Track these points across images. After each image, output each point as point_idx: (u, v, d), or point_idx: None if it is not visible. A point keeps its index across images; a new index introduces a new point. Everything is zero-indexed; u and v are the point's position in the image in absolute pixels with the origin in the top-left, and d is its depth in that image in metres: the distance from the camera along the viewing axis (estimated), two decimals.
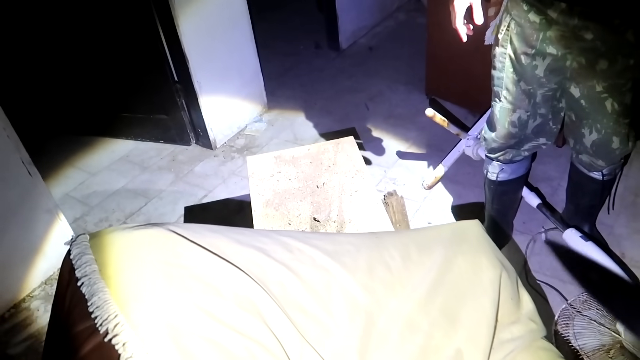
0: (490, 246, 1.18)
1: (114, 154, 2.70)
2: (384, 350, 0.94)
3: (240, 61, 2.65)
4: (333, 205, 1.53)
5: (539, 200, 1.92)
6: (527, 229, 1.94)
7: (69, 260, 0.82)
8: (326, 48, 3.58)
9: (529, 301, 1.16)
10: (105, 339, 0.67)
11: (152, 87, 2.50)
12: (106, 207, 2.34)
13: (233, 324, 0.78)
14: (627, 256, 1.77)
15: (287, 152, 1.78)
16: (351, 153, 1.74)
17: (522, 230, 1.94)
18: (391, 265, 1.06)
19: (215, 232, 0.95)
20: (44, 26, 2.42)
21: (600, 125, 1.41)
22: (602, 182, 1.60)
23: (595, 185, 1.62)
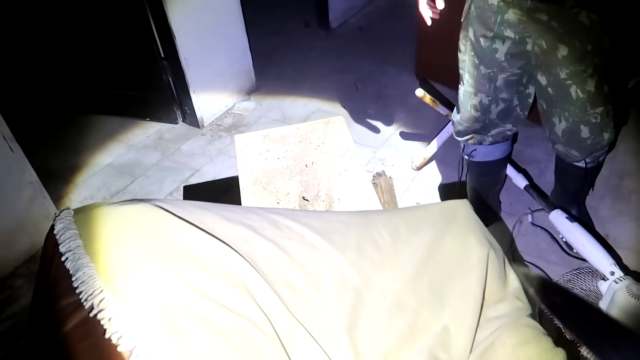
0: (479, 226, 1.19)
1: (100, 132, 2.65)
2: (372, 328, 0.95)
3: (228, 38, 2.60)
4: (322, 184, 1.52)
5: (526, 182, 1.93)
6: (514, 210, 1.95)
7: (52, 235, 0.80)
8: (316, 27, 3.53)
9: (515, 280, 1.17)
10: (90, 314, 0.66)
11: (138, 64, 2.45)
12: (91, 185, 2.31)
13: (221, 300, 0.77)
14: (611, 237, 1.79)
15: (276, 131, 1.76)
16: (340, 132, 1.73)
17: (509, 212, 1.95)
18: (380, 243, 1.06)
19: (203, 209, 0.94)
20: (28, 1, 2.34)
21: (568, 114, 1.42)
22: (585, 170, 1.61)
23: (579, 172, 1.63)
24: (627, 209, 1.91)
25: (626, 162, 2.12)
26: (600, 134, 1.46)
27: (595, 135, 1.45)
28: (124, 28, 2.33)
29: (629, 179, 2.04)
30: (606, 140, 1.49)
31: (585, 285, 1.55)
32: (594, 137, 1.46)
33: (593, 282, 1.54)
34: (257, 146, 1.69)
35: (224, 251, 0.85)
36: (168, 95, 2.53)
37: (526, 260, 1.74)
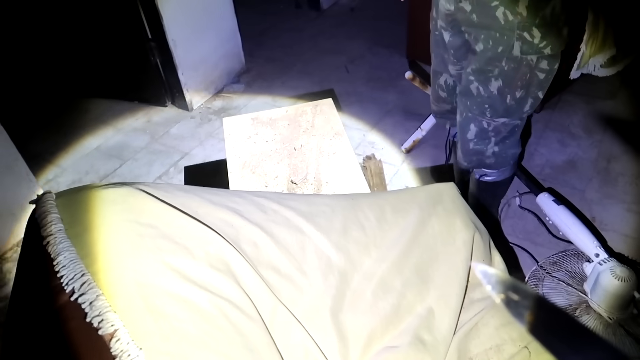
0: (465, 208, 1.19)
1: (88, 115, 2.62)
2: (358, 309, 0.95)
3: (217, 19, 2.56)
4: (310, 167, 1.52)
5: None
6: None
7: (33, 219, 0.79)
8: (306, 8, 3.49)
9: (500, 262, 1.18)
10: (71, 298, 0.66)
11: (126, 45, 2.41)
12: (79, 169, 2.29)
13: (204, 283, 0.77)
14: (597, 220, 1.81)
15: (265, 114, 1.75)
16: (329, 115, 1.71)
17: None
18: (366, 226, 1.06)
19: (187, 192, 0.93)
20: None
21: (463, 107, 1.41)
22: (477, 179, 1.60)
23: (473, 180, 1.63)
24: (613, 191, 1.93)
25: (613, 145, 2.14)
26: (486, 144, 1.43)
27: (480, 141, 1.43)
28: (111, 9, 2.29)
29: (616, 161, 2.06)
30: (490, 153, 1.45)
31: (571, 267, 1.57)
32: (478, 142, 1.43)
33: (578, 264, 1.56)
34: (245, 129, 1.68)
35: (207, 234, 0.85)
36: (156, 78, 2.50)
37: (513, 242, 1.76)
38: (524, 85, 1.26)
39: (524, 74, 1.23)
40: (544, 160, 2.09)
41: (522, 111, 1.33)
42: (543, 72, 1.22)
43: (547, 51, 1.17)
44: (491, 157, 1.48)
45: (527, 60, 1.20)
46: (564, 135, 2.21)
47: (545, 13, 1.12)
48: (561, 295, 1.49)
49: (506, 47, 1.19)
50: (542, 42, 1.16)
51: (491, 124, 1.38)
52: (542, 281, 1.54)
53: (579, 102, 2.38)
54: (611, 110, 2.32)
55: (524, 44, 1.17)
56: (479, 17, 1.19)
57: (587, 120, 2.28)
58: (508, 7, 1.13)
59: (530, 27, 1.14)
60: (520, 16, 1.13)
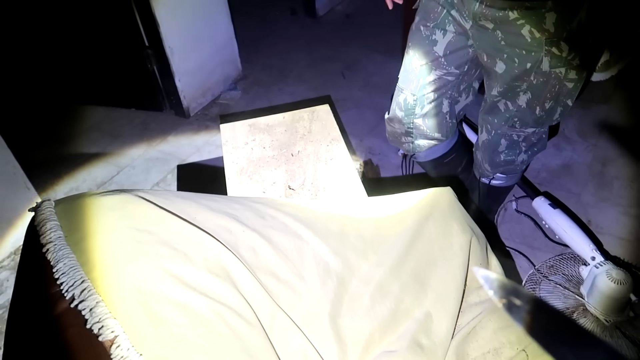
0: (462, 212, 1.20)
1: (85, 122, 2.63)
2: (356, 314, 0.96)
3: (214, 26, 2.58)
4: (308, 173, 1.53)
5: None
6: None
7: (33, 226, 0.80)
8: (302, 14, 3.51)
9: (497, 266, 1.19)
10: (71, 305, 0.66)
11: (123, 53, 2.42)
12: (76, 176, 2.29)
13: (203, 288, 0.78)
14: (593, 223, 1.82)
15: (262, 120, 1.75)
16: (326, 121, 1.72)
17: None
18: (363, 231, 1.07)
19: (185, 199, 0.94)
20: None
21: (491, 126, 1.41)
22: (488, 186, 1.61)
23: (483, 188, 1.64)
24: (609, 195, 1.94)
25: (609, 148, 2.15)
26: (516, 154, 1.44)
27: (511, 152, 1.43)
28: (108, 17, 2.30)
29: (611, 165, 2.07)
30: (519, 162, 1.47)
31: (568, 270, 1.58)
32: (509, 153, 1.44)
33: (575, 268, 1.57)
34: (242, 135, 1.69)
35: (206, 240, 0.86)
36: (153, 85, 2.51)
37: (510, 246, 1.77)
38: (552, 97, 1.25)
39: (553, 86, 1.22)
40: (540, 164, 2.10)
41: (552, 119, 1.34)
42: (572, 81, 1.21)
43: (576, 62, 1.17)
44: (520, 165, 1.49)
45: (555, 73, 1.19)
46: (559, 139, 2.22)
47: (573, 26, 1.11)
48: (558, 299, 1.50)
49: (534, 63, 1.18)
50: (571, 54, 1.15)
51: (521, 135, 1.38)
52: (539, 285, 1.54)
53: (573, 107, 2.38)
54: (606, 114, 2.34)
55: (553, 58, 1.16)
56: (504, 35, 1.17)
57: (582, 125, 2.30)
58: (534, 25, 1.11)
59: (559, 42, 1.13)
60: (548, 32, 1.12)
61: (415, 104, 1.43)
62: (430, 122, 1.47)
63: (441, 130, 1.49)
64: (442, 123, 1.48)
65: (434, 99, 1.42)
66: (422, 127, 1.48)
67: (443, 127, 1.49)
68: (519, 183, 1.91)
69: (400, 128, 1.51)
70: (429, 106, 1.43)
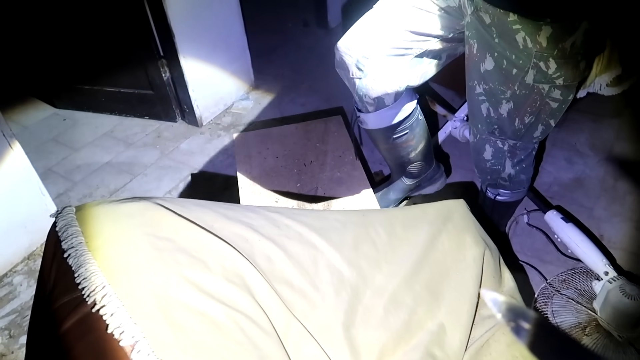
0: (475, 225, 1.21)
1: (98, 130, 2.66)
2: (369, 324, 0.96)
3: (227, 37, 2.61)
4: (320, 183, 1.54)
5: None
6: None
7: (54, 232, 0.81)
8: (315, 26, 3.54)
9: (510, 279, 1.19)
10: (92, 309, 0.67)
11: (137, 62, 2.45)
12: (90, 183, 2.31)
13: (220, 296, 0.78)
14: (605, 238, 1.81)
15: (275, 130, 1.78)
16: (338, 132, 1.74)
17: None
18: (377, 241, 1.08)
19: (202, 207, 0.95)
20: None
21: (476, 130, 1.39)
22: (483, 195, 1.60)
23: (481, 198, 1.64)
24: (621, 209, 1.93)
25: (621, 163, 2.15)
26: (502, 164, 1.42)
27: (496, 161, 1.41)
28: (123, 27, 2.34)
29: (623, 180, 2.06)
30: (506, 175, 1.44)
31: (580, 285, 1.57)
32: (495, 162, 1.42)
33: (587, 282, 1.56)
34: (255, 145, 1.70)
35: (223, 249, 0.87)
36: (167, 94, 2.54)
37: (522, 260, 1.76)
38: (533, 112, 1.24)
39: (534, 100, 1.21)
40: (552, 178, 2.10)
41: (532, 136, 1.32)
42: (556, 101, 1.20)
43: (560, 82, 1.15)
44: (506, 179, 1.48)
45: (538, 88, 1.18)
46: (570, 153, 2.22)
47: (565, 46, 1.09)
48: (570, 313, 1.49)
49: (519, 72, 1.16)
50: (556, 73, 1.14)
51: (505, 144, 1.37)
52: (551, 299, 1.53)
53: (585, 121, 2.39)
54: (618, 128, 2.34)
55: (538, 72, 1.15)
56: (498, 33, 1.15)
57: (594, 139, 2.29)
58: (529, 34, 1.10)
59: (548, 58, 1.11)
60: (540, 45, 1.10)
61: (379, 41, 1.35)
62: (386, 71, 1.39)
63: (392, 87, 1.42)
64: (395, 80, 1.41)
65: (401, 47, 1.36)
66: (376, 71, 1.39)
67: (394, 85, 1.42)
68: (530, 196, 1.91)
69: (352, 57, 1.40)
70: (392, 51, 1.36)
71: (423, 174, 1.84)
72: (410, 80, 1.44)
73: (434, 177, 1.93)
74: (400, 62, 1.39)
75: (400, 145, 1.64)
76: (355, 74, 1.42)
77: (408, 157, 1.72)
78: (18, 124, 2.69)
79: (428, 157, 1.80)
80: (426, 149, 1.74)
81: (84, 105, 2.76)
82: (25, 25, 2.46)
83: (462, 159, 2.20)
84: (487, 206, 1.65)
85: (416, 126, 1.64)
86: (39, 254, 1.95)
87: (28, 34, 2.51)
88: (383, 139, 1.62)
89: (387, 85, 1.42)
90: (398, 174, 1.83)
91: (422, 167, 1.79)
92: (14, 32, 2.52)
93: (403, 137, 1.62)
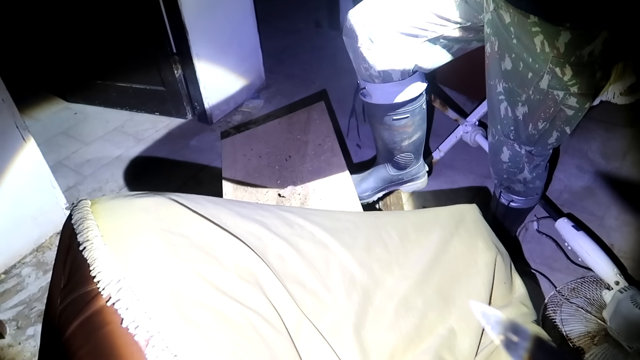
0: (487, 230, 1.20)
1: (109, 124, 2.67)
2: (379, 327, 0.96)
3: (240, 36, 2.61)
4: (298, 177, 1.49)
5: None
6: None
7: (70, 224, 0.81)
8: (326, 27, 3.54)
9: (521, 286, 1.19)
10: (107, 302, 0.68)
11: (150, 58, 2.46)
12: (100, 177, 2.32)
13: (233, 293, 0.78)
14: (616, 247, 1.80)
15: (260, 129, 1.74)
16: (320, 119, 1.68)
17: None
18: (389, 244, 1.07)
19: (216, 204, 0.95)
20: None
21: (495, 130, 1.38)
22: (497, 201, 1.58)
23: (494, 201, 1.61)
24: (632, 219, 1.91)
25: (633, 172, 2.13)
26: (519, 168, 1.40)
27: (513, 165, 1.40)
28: (137, 23, 2.35)
29: (635, 189, 2.05)
30: (522, 179, 1.43)
31: (590, 294, 1.56)
32: (512, 165, 1.40)
33: (597, 291, 1.55)
34: (241, 147, 1.67)
35: (236, 246, 0.87)
36: (178, 91, 2.55)
37: (531, 267, 1.75)
38: (547, 118, 1.23)
39: (548, 107, 1.20)
40: (562, 185, 2.08)
41: (547, 142, 1.31)
42: (572, 109, 1.19)
43: (575, 89, 1.14)
44: (522, 183, 1.47)
45: (552, 94, 1.17)
46: (582, 161, 2.21)
47: (583, 53, 1.07)
48: (580, 322, 1.48)
49: (535, 76, 1.15)
50: (572, 81, 1.12)
51: (523, 148, 1.36)
52: (561, 307, 1.53)
53: (597, 129, 2.38)
54: (630, 138, 2.32)
55: (553, 78, 1.13)
56: (517, 34, 1.13)
57: (606, 147, 2.28)
58: (547, 37, 1.08)
59: (564, 64, 1.10)
60: (557, 51, 1.08)
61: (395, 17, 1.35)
62: (396, 48, 1.38)
63: (400, 64, 1.42)
64: (403, 59, 1.40)
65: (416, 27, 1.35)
66: (386, 45, 1.38)
67: (402, 63, 1.42)
68: (541, 203, 1.90)
69: (365, 27, 1.39)
70: (406, 29, 1.35)
71: (408, 168, 1.82)
72: (420, 62, 1.44)
73: (417, 175, 1.90)
74: (412, 43, 1.39)
75: (397, 128, 1.62)
76: (364, 44, 1.41)
77: (400, 144, 1.70)
78: (31, 117, 2.70)
79: (419, 151, 1.78)
80: (420, 141, 1.72)
81: (96, 100, 2.77)
82: (40, 21, 2.48)
83: (473, 163, 2.19)
84: (500, 212, 1.64)
85: (418, 113, 1.62)
86: (47, 246, 1.96)
87: (43, 30, 2.52)
88: (381, 118, 1.60)
89: (394, 62, 1.42)
90: (384, 159, 1.79)
91: (410, 160, 1.77)
92: (29, 28, 2.54)
93: (402, 120, 1.59)
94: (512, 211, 1.61)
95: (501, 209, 1.62)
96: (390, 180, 1.86)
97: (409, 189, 1.90)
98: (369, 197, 1.86)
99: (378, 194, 1.89)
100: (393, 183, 1.88)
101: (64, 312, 0.72)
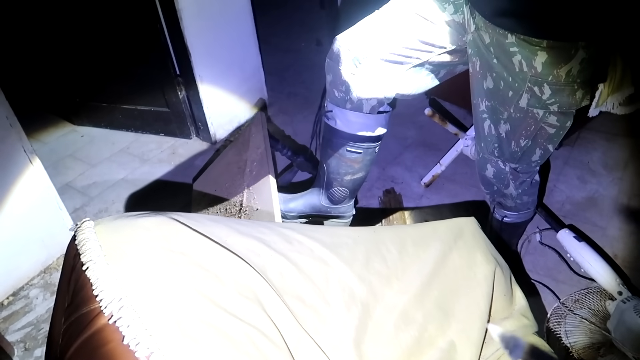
0: (486, 243, 1.21)
1: (114, 146, 2.71)
2: (379, 341, 0.97)
3: (242, 56, 2.66)
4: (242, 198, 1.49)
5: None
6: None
7: (74, 245, 0.84)
8: (327, 46, 3.58)
9: (521, 297, 1.19)
10: (109, 321, 0.69)
11: (155, 81, 2.51)
12: (106, 198, 2.35)
13: (234, 310, 0.80)
14: (620, 257, 1.79)
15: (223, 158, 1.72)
16: (256, 132, 1.65)
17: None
18: (388, 258, 1.09)
19: (216, 222, 0.97)
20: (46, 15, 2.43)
21: (479, 148, 1.39)
22: (491, 215, 1.59)
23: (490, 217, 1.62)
24: (635, 229, 1.91)
25: (634, 182, 2.13)
26: (504, 185, 1.41)
27: (499, 181, 1.41)
28: (141, 46, 2.40)
29: (637, 199, 2.05)
30: (509, 195, 1.43)
31: (594, 305, 1.56)
32: (498, 182, 1.41)
33: (601, 302, 1.54)
34: (209, 186, 1.67)
35: (236, 263, 0.89)
36: (182, 111, 2.59)
37: (534, 278, 1.75)
38: (528, 136, 1.24)
39: (529, 124, 1.21)
40: (564, 196, 2.09)
41: (530, 160, 1.32)
42: (552, 127, 1.20)
43: (554, 108, 1.15)
44: (509, 199, 1.47)
45: (532, 112, 1.18)
46: (583, 172, 2.21)
47: (560, 72, 1.08)
48: (584, 334, 1.47)
49: (515, 95, 1.16)
50: (551, 100, 1.13)
51: (507, 166, 1.37)
52: (564, 318, 1.52)
53: (598, 139, 2.39)
54: (631, 147, 2.33)
55: (532, 97, 1.14)
56: (496, 54, 1.15)
57: (607, 157, 2.28)
58: (525, 58, 1.09)
59: (542, 83, 1.11)
60: (535, 70, 1.10)
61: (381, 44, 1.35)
62: (378, 76, 1.38)
63: (380, 93, 1.42)
64: (383, 87, 1.41)
65: (400, 54, 1.35)
66: (368, 73, 1.38)
67: (382, 91, 1.42)
68: (542, 215, 1.90)
69: (351, 52, 1.39)
70: (390, 56, 1.35)
71: (339, 204, 1.81)
72: (403, 89, 1.45)
73: (345, 214, 1.87)
74: (397, 70, 1.39)
75: (346, 160, 1.63)
76: (348, 68, 1.42)
77: (343, 177, 1.69)
78: (38, 140, 2.75)
79: (355, 191, 1.79)
80: (359, 182, 1.73)
81: (102, 122, 2.82)
82: (46, 46, 2.55)
83: (473, 177, 2.20)
84: (496, 226, 1.65)
85: (370, 154, 1.64)
86: (55, 268, 1.99)
87: (49, 54, 2.58)
88: (336, 145, 1.60)
89: (376, 89, 1.43)
90: (321, 185, 1.76)
91: (344, 196, 1.77)
92: (36, 53, 2.61)
93: (354, 154, 1.61)
94: (507, 225, 1.62)
95: (496, 224, 1.63)
96: (319, 210, 1.83)
97: (331, 224, 1.86)
98: (292, 218, 1.83)
99: (301, 219, 1.86)
100: (320, 213, 1.84)
101: (67, 331, 0.74)
